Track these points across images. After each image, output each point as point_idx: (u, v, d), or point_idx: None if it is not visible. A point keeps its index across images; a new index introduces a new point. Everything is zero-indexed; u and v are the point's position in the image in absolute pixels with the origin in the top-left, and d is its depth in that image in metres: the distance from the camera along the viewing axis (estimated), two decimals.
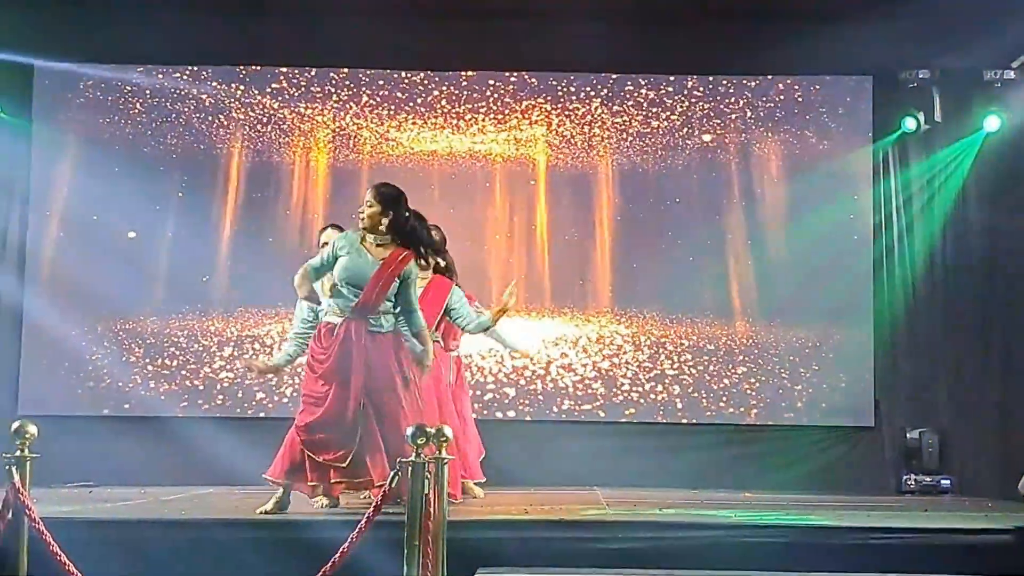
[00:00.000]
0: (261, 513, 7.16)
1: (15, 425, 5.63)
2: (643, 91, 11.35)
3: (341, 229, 7.79)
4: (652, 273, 11.21)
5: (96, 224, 11.14)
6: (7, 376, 10.99)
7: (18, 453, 5.58)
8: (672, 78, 11.36)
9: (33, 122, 11.23)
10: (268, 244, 11.15)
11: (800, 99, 11.30)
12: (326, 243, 7.50)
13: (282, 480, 7.24)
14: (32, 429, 5.61)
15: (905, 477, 10.72)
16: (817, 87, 11.32)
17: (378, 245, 7.19)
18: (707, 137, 11.32)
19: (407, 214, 7.27)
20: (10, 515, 5.53)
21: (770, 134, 11.30)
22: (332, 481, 7.19)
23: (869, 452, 11.04)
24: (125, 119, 11.31)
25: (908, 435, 10.84)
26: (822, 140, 11.27)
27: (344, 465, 7.08)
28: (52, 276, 11.09)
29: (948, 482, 10.61)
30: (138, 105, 11.32)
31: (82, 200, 11.14)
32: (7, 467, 5.55)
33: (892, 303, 11.04)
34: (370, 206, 7.21)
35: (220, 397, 11.09)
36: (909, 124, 11.04)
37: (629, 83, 11.36)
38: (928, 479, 10.64)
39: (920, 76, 10.88)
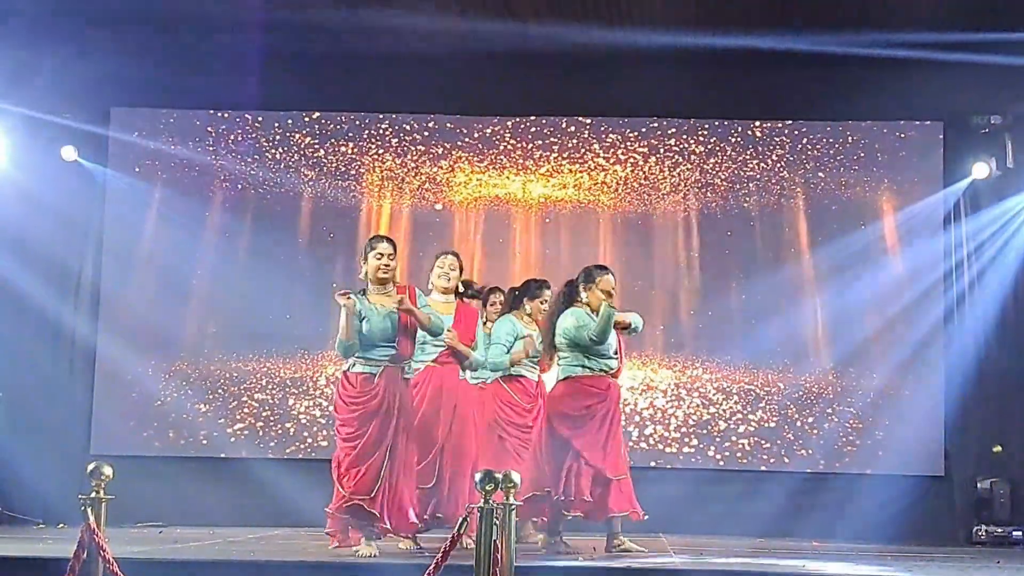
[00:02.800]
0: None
1: (91, 466, 5.69)
2: (713, 136, 11.35)
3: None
4: (720, 319, 11.17)
5: (169, 266, 11.31)
6: (80, 415, 11.15)
7: (93, 494, 5.64)
8: (741, 123, 11.36)
9: (108, 166, 11.41)
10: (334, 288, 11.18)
11: (870, 144, 11.24)
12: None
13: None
14: (108, 471, 5.67)
15: (976, 528, 10.54)
16: (887, 132, 11.26)
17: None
18: (777, 182, 11.28)
19: None
20: (85, 555, 5.59)
21: (841, 179, 11.24)
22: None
23: (939, 502, 10.90)
24: (197, 163, 11.47)
25: (979, 485, 10.69)
26: (892, 186, 11.20)
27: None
28: (125, 317, 11.23)
29: (1020, 533, 10.42)
30: (210, 149, 11.47)
31: (155, 243, 11.34)
32: (83, 508, 5.61)
33: (963, 351, 10.92)
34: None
35: (289, 438, 11.16)
36: (981, 170, 10.95)
37: (698, 128, 11.37)
38: (999, 530, 10.45)
39: (992, 121, 10.80)
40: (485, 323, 8.77)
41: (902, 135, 11.27)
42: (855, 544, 9.59)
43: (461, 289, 8.43)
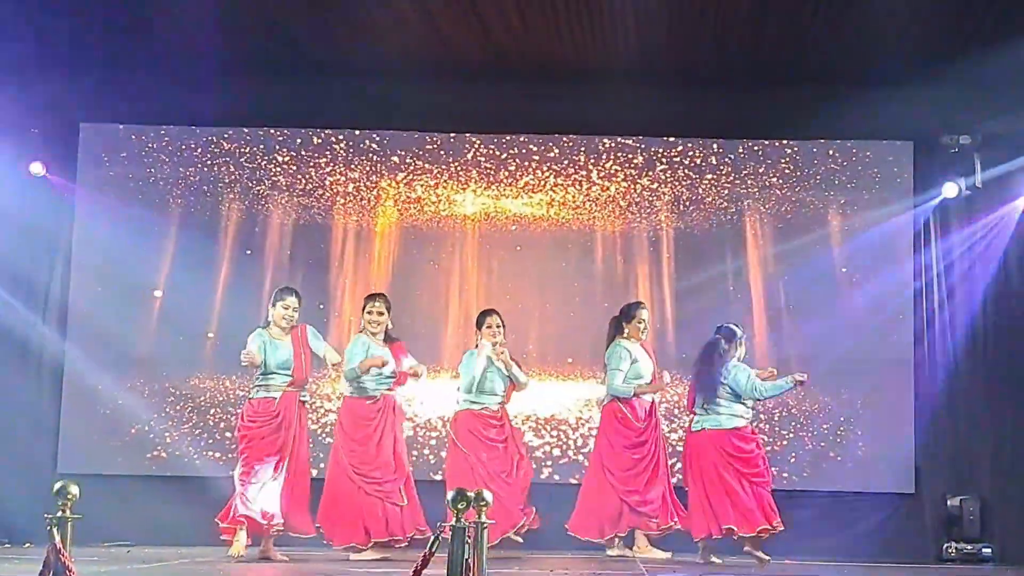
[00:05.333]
0: None
1: (57, 485, 5.63)
2: (683, 155, 11.37)
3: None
4: (691, 337, 11.14)
5: (138, 283, 11.24)
6: (47, 433, 11.05)
7: (60, 514, 5.58)
8: (711, 142, 11.38)
9: (77, 182, 11.34)
10: (314, 307, 11.10)
11: (841, 164, 11.29)
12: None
13: None
14: (74, 490, 5.61)
15: (946, 545, 10.57)
16: (857, 152, 11.30)
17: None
18: (747, 201, 11.31)
19: None
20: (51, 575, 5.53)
21: (809, 199, 11.28)
22: None
23: (909, 519, 10.93)
24: (168, 179, 11.42)
25: (949, 502, 10.71)
26: (862, 205, 11.24)
27: None
28: (93, 335, 11.14)
29: (989, 550, 10.45)
30: (181, 166, 11.42)
31: (124, 259, 11.22)
32: (48, 527, 5.55)
33: (933, 369, 10.97)
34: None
35: None
36: (950, 189, 11.01)
37: (669, 147, 11.38)
38: (969, 547, 10.47)
39: (961, 141, 10.85)
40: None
41: (872, 155, 11.31)
42: (826, 561, 9.61)
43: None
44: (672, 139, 11.39)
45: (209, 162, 11.45)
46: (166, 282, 11.28)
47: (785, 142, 11.35)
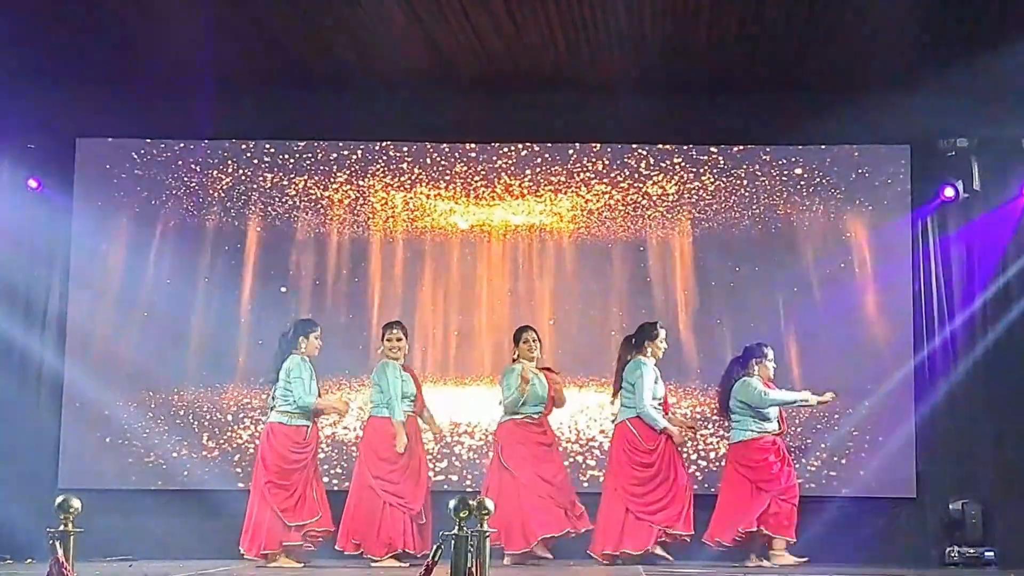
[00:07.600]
0: None
1: (59, 499, 5.63)
2: (682, 163, 11.35)
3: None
4: (690, 345, 11.16)
5: (136, 297, 11.23)
6: (48, 449, 11.02)
7: (62, 528, 5.58)
8: (709, 149, 11.36)
9: (74, 197, 11.32)
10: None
11: (838, 169, 11.28)
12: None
13: None
14: (76, 504, 5.62)
15: (948, 549, 10.52)
16: (855, 156, 11.30)
17: None
18: (744, 207, 11.30)
19: None
20: None
21: (808, 204, 11.27)
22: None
23: (911, 524, 10.91)
24: (165, 193, 11.40)
25: (951, 506, 10.69)
26: (860, 209, 11.22)
27: None
28: (92, 349, 11.13)
29: (992, 554, 10.40)
30: (177, 179, 11.40)
31: (122, 273, 11.23)
32: (51, 542, 5.54)
33: (933, 372, 10.96)
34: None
35: None
36: (948, 193, 11.00)
37: (666, 155, 11.38)
38: (971, 551, 10.43)
39: (958, 144, 10.85)
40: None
41: (869, 159, 11.30)
42: (828, 567, 9.59)
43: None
44: (669, 147, 11.36)
45: (205, 175, 11.43)
46: (166, 295, 11.25)
47: (783, 148, 11.33)
